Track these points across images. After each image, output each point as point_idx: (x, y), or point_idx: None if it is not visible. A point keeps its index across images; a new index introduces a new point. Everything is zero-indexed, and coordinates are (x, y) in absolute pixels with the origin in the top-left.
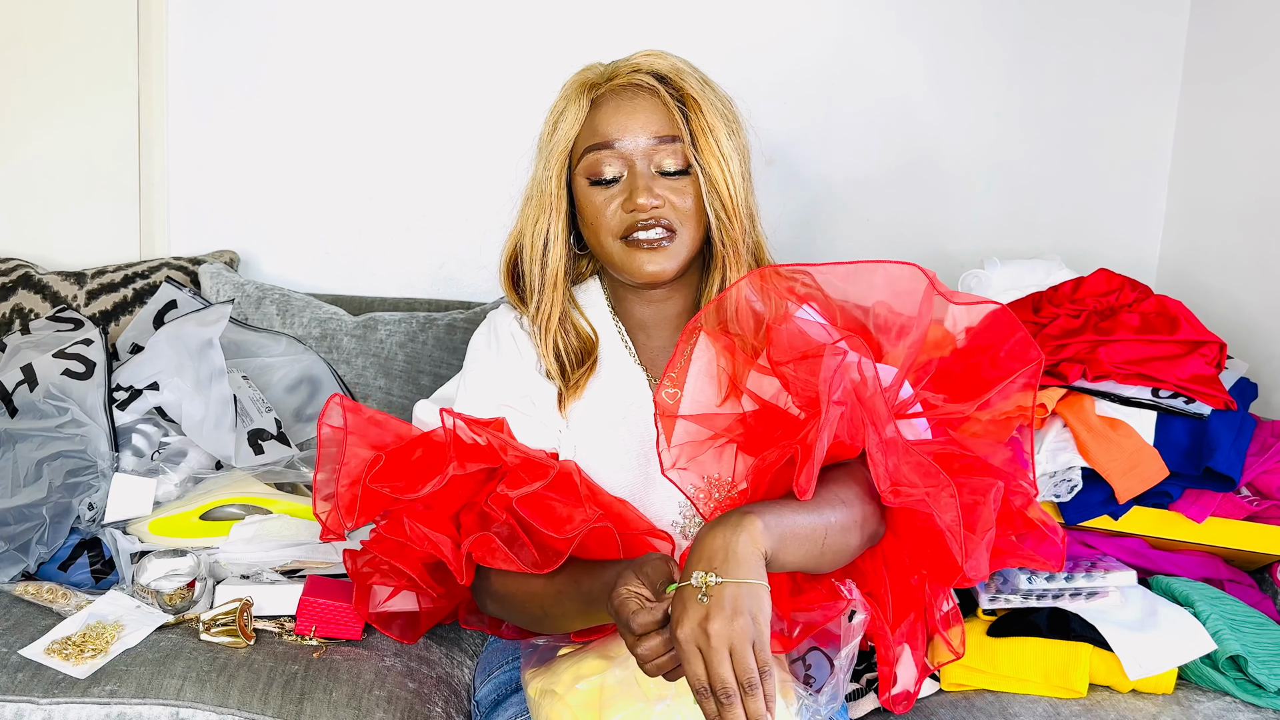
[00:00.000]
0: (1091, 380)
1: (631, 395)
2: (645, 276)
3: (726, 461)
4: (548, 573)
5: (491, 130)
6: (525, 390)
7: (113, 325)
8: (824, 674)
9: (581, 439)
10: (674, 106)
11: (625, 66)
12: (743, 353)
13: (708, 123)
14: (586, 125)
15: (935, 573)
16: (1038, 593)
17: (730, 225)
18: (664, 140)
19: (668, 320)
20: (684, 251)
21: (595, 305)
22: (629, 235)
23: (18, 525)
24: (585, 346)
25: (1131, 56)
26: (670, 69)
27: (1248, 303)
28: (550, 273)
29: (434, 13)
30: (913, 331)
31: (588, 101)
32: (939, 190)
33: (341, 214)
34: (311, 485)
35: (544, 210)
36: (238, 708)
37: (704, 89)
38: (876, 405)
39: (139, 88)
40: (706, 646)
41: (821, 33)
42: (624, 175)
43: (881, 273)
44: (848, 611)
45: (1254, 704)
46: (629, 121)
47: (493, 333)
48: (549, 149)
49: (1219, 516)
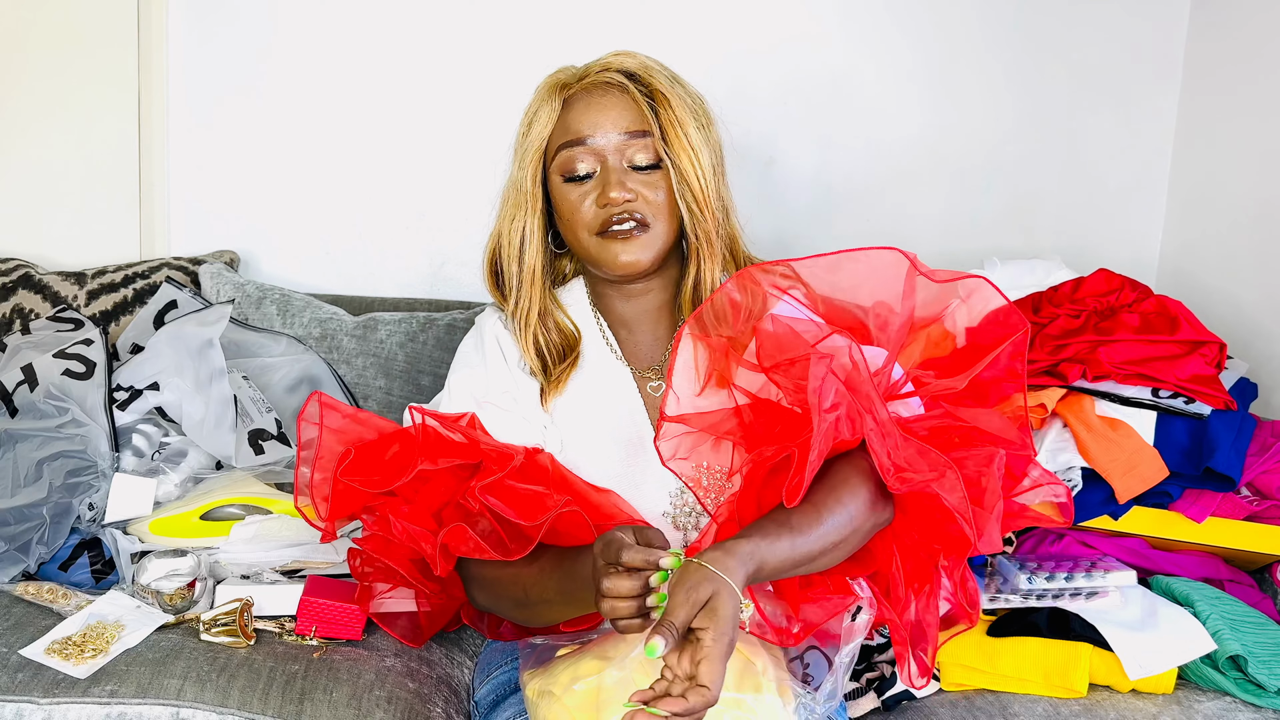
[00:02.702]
0: (1091, 380)
1: (615, 390)
2: (620, 268)
3: (724, 452)
4: (525, 557)
5: (491, 130)
6: (506, 387)
7: (113, 325)
8: (822, 673)
9: (568, 434)
10: (644, 102)
11: (596, 66)
12: (735, 351)
13: (677, 117)
14: (559, 124)
15: (948, 546)
16: (1038, 593)
17: (702, 217)
18: (634, 135)
19: (648, 314)
20: (658, 243)
21: (578, 304)
22: (604, 230)
23: (18, 525)
24: (567, 342)
25: (1131, 56)
26: (639, 66)
27: (1248, 303)
28: (528, 269)
29: (433, 13)
30: (899, 313)
31: (560, 101)
32: (939, 190)
33: (341, 214)
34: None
35: (520, 208)
36: (238, 708)
37: (673, 85)
38: (868, 390)
39: (139, 88)
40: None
41: (822, 34)
42: (597, 171)
43: (864, 260)
44: (851, 610)
45: (1254, 704)
46: (600, 118)
47: (479, 334)
48: (524, 148)
49: (1219, 516)
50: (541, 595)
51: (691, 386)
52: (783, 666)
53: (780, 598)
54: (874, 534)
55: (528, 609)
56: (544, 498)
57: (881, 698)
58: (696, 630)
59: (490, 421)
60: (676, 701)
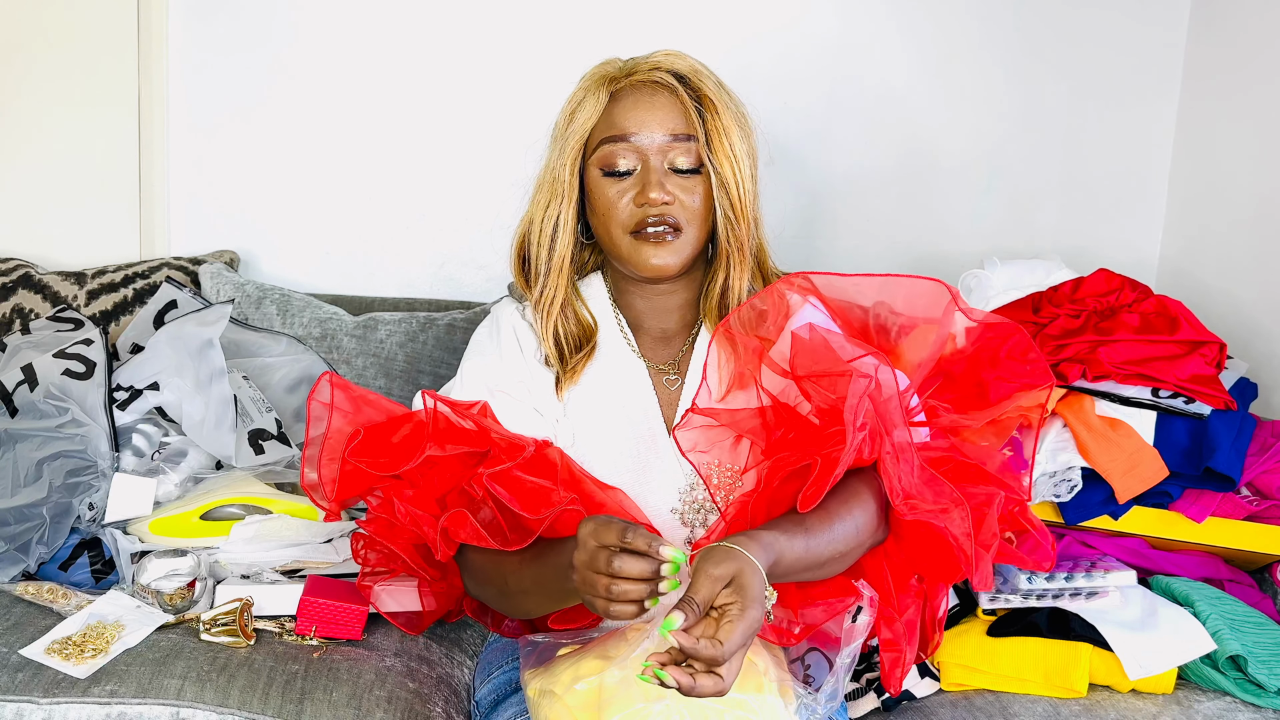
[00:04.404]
0: (1091, 380)
1: (630, 384)
2: (650, 270)
3: (740, 453)
4: (516, 549)
5: (491, 130)
6: (521, 377)
7: (113, 325)
8: (823, 674)
9: (580, 427)
10: (691, 106)
11: (645, 64)
12: (765, 354)
13: (723, 124)
14: (604, 117)
15: (934, 574)
16: (1038, 593)
17: (737, 225)
18: (679, 138)
19: (668, 312)
20: (688, 249)
21: (597, 297)
22: (639, 230)
23: (18, 525)
24: (584, 333)
25: (1132, 56)
26: (689, 69)
27: (1248, 303)
28: (557, 258)
29: (433, 13)
30: (930, 343)
31: (606, 94)
32: (939, 190)
33: (341, 214)
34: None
35: (555, 197)
36: (238, 708)
37: (720, 91)
38: (891, 411)
39: (139, 88)
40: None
41: (821, 33)
42: (637, 169)
43: (906, 286)
44: (852, 611)
45: (1254, 704)
46: (647, 117)
47: (495, 324)
48: (564, 137)
49: (1219, 516)
50: (519, 585)
51: (720, 385)
52: (784, 667)
53: (781, 601)
54: (866, 550)
55: (507, 599)
56: (549, 492)
57: (881, 698)
58: (723, 605)
59: (502, 411)
60: (683, 673)
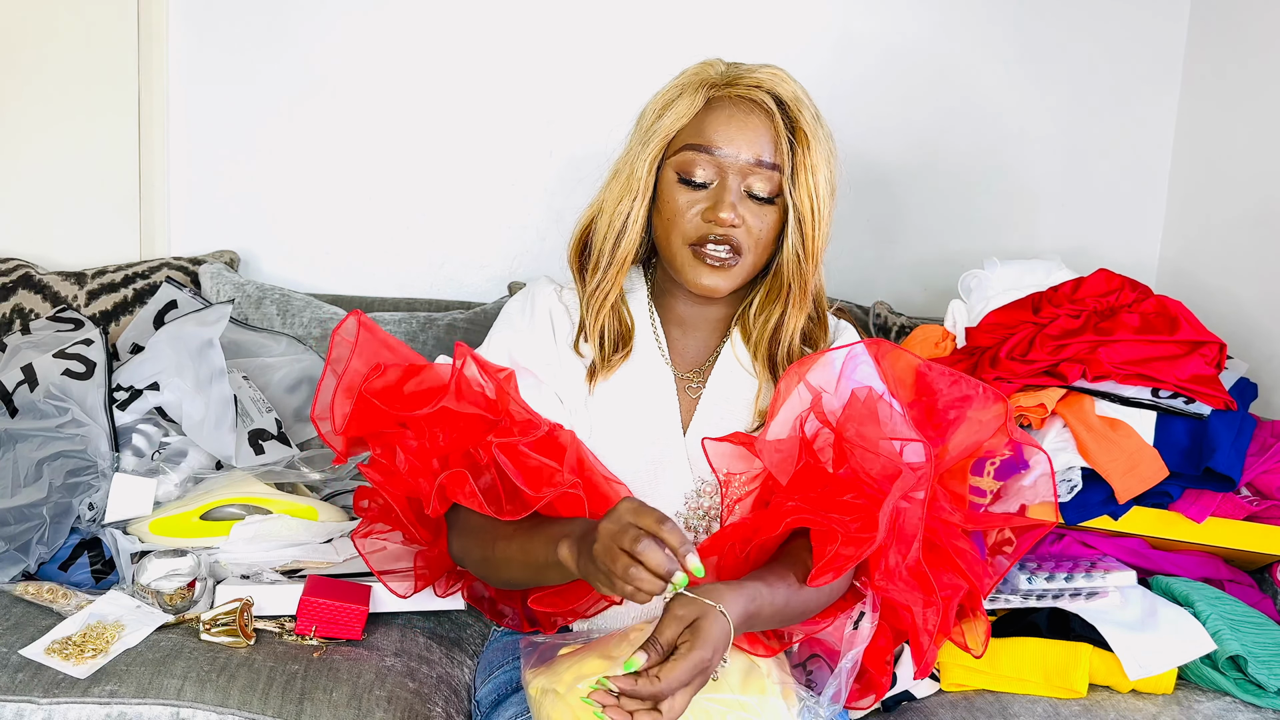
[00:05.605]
0: (1091, 380)
1: (655, 387)
2: (700, 289)
3: (754, 470)
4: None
5: (491, 130)
6: (548, 360)
7: (113, 325)
8: (825, 679)
9: (599, 420)
10: (784, 135)
11: (748, 79)
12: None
13: (812, 162)
14: (694, 122)
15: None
16: (1038, 593)
17: (804, 264)
18: (763, 165)
19: (706, 322)
20: (743, 274)
21: (635, 293)
22: (699, 244)
23: (18, 525)
24: (624, 333)
25: (1132, 57)
26: (791, 96)
27: (1248, 302)
28: (620, 254)
29: (434, 13)
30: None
31: (703, 99)
32: (939, 190)
33: (341, 214)
34: (311, 483)
35: (629, 192)
36: (238, 708)
37: (816, 125)
38: (913, 523)
39: (139, 88)
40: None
41: (820, 33)
42: (713, 184)
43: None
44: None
45: (1254, 704)
46: (736, 135)
47: (529, 302)
48: (650, 131)
49: (1219, 516)
50: (505, 554)
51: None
52: (786, 669)
53: None
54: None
55: (488, 565)
56: (554, 472)
57: (881, 698)
58: (678, 643)
59: (523, 388)
60: (621, 712)
